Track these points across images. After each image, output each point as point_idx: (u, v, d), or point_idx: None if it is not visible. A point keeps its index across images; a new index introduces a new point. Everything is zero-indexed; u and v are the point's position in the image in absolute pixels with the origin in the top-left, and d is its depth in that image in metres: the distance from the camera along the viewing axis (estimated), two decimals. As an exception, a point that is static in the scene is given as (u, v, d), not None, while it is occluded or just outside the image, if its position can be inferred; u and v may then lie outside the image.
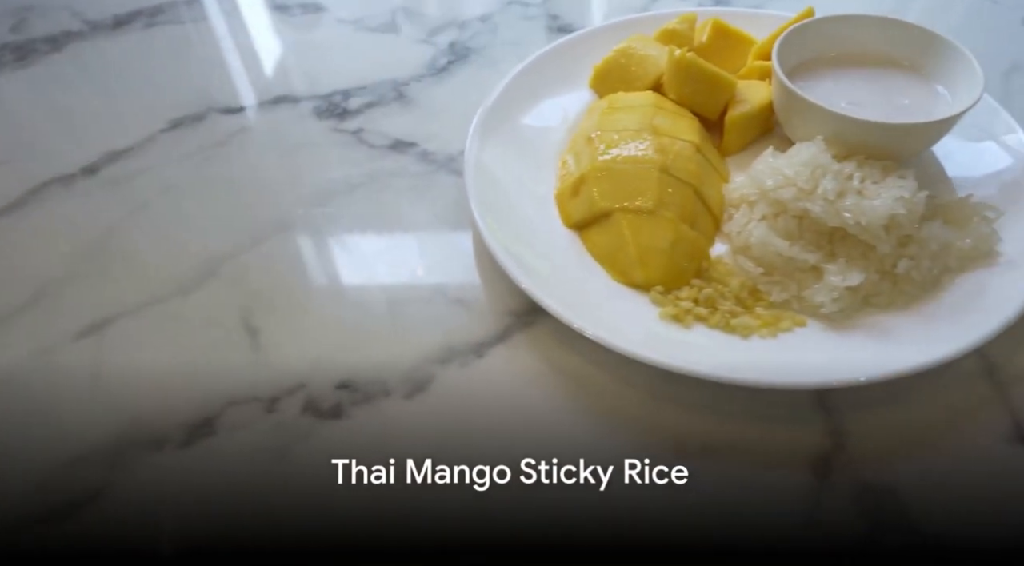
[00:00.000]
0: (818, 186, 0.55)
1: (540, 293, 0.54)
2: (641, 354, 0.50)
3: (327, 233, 0.66)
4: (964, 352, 0.49)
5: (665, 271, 0.56)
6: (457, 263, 0.63)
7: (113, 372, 0.55)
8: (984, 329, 0.50)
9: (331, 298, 0.61)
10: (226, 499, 0.49)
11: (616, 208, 0.59)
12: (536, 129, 0.70)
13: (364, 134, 0.76)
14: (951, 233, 0.56)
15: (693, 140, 0.63)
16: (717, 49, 0.74)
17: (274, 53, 0.87)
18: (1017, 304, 0.51)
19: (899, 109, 0.62)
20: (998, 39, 0.84)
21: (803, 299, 0.55)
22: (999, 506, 0.46)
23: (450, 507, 0.48)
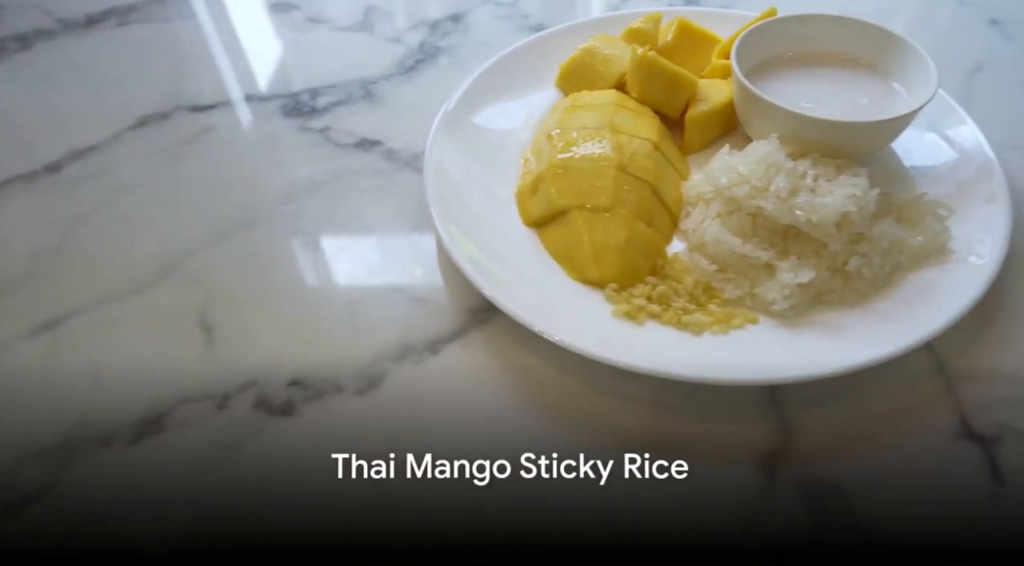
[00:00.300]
0: (771, 184, 0.55)
1: (494, 291, 0.54)
2: (591, 352, 0.50)
3: (289, 231, 0.65)
4: (911, 348, 0.49)
5: (619, 268, 0.56)
6: (418, 261, 0.63)
7: (65, 370, 0.55)
8: (932, 325, 0.50)
9: (289, 296, 0.60)
10: (173, 496, 0.49)
11: (573, 206, 0.59)
12: (501, 128, 0.70)
13: (330, 133, 0.76)
14: (903, 231, 0.56)
15: (652, 138, 0.63)
16: (682, 48, 0.74)
17: (245, 52, 0.86)
18: (965, 300, 0.51)
19: (857, 108, 0.62)
20: (964, 40, 0.84)
21: (756, 296, 0.54)
22: (943, 503, 0.46)
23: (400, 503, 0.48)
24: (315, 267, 0.62)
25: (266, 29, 0.90)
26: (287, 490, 0.49)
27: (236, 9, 0.93)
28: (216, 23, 0.90)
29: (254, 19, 0.91)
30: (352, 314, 0.59)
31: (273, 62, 0.85)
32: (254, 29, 0.90)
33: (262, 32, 0.89)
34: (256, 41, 0.88)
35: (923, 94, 0.59)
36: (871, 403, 0.51)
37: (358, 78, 0.82)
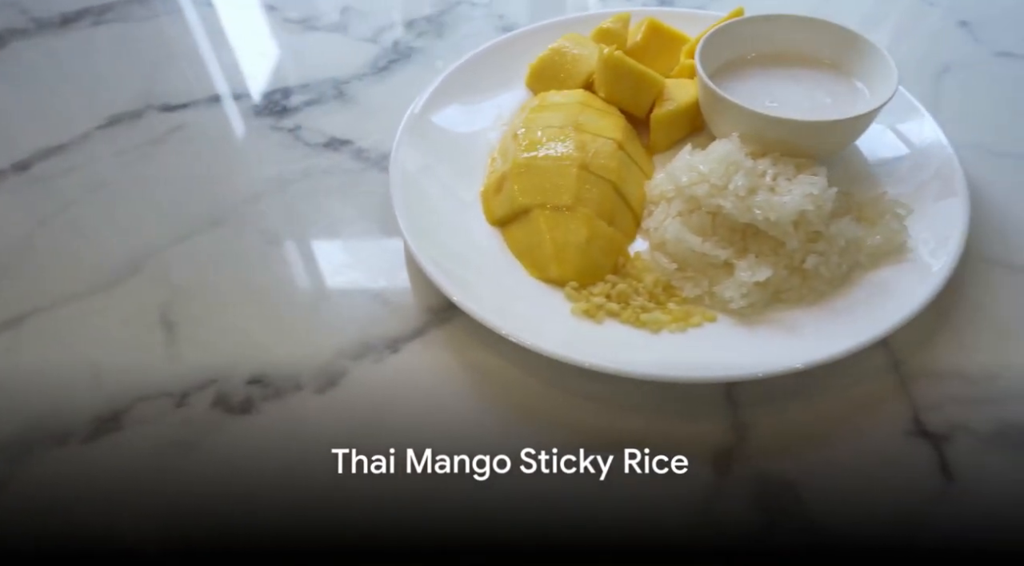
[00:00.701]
0: (730, 182, 0.55)
1: (454, 291, 0.54)
2: (549, 350, 0.50)
3: (255, 230, 0.65)
4: (866, 345, 0.49)
5: (580, 267, 0.56)
6: (383, 260, 0.63)
7: (25, 367, 0.55)
8: (887, 323, 0.50)
9: (252, 295, 0.60)
10: (128, 495, 0.48)
11: (535, 204, 0.59)
12: (469, 128, 0.70)
13: (301, 132, 0.75)
14: (861, 230, 0.56)
15: (616, 137, 0.63)
16: (651, 48, 0.74)
17: (219, 52, 0.86)
18: (920, 298, 0.52)
19: (820, 107, 0.62)
20: (933, 41, 0.84)
21: (714, 295, 0.55)
22: (894, 501, 0.46)
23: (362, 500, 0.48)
24: (279, 266, 0.62)
25: (241, 29, 0.89)
26: (245, 489, 0.49)
27: (213, 11, 0.93)
28: (191, 24, 0.90)
29: (229, 19, 0.91)
30: (315, 313, 0.59)
31: (246, 62, 0.85)
32: (229, 29, 0.89)
33: (237, 32, 0.89)
34: (231, 41, 0.88)
35: (884, 93, 0.59)
36: (825, 401, 0.51)
37: (331, 78, 0.82)
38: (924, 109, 0.66)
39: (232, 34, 0.89)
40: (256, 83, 0.81)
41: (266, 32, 0.89)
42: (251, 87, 0.81)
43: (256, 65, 0.84)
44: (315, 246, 0.64)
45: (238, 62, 0.85)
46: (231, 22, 0.91)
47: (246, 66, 0.84)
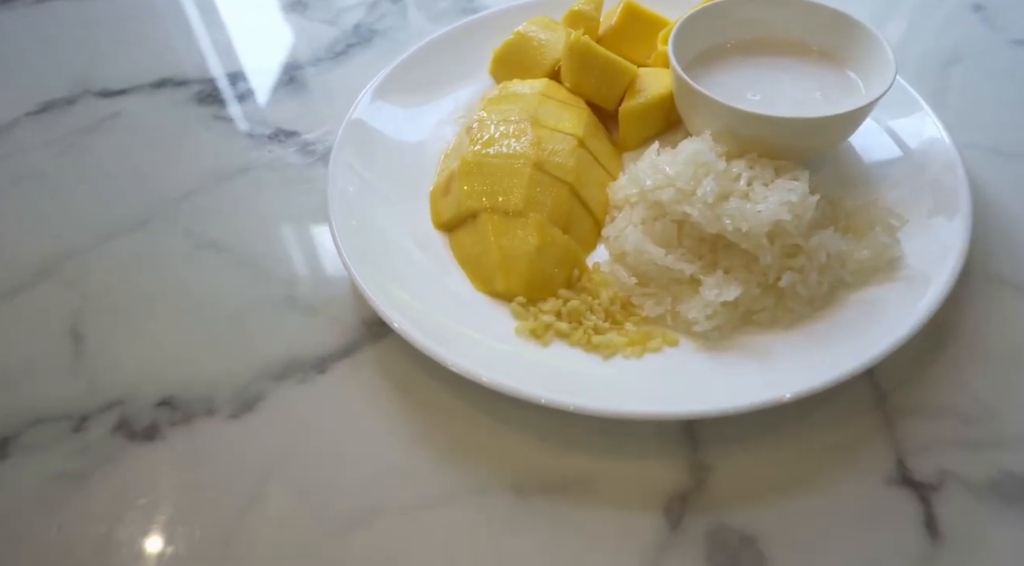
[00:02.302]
0: (699, 187, 0.49)
1: (386, 307, 0.48)
2: (485, 378, 0.44)
3: (182, 232, 0.60)
4: (847, 377, 0.43)
5: (528, 280, 0.50)
6: (316, 267, 0.57)
7: (-90, 384, 0.50)
8: (871, 351, 0.44)
9: (174, 303, 0.55)
10: (6, 531, 0.43)
11: (483, 208, 0.52)
12: (423, 121, 0.64)
13: (245, 122, 0.69)
14: (847, 243, 0.49)
15: (576, 133, 0.56)
16: (628, 33, 0.67)
17: (165, 33, 0.80)
18: (911, 322, 0.45)
19: (807, 101, 0.55)
20: (942, 27, 0.77)
21: (678, 315, 0.48)
22: (871, 562, 0.40)
23: (267, 546, 0.43)
24: (203, 272, 0.57)
25: (190, 9, 0.83)
26: (137, 528, 0.43)
27: (166, -13, 0.87)
28: (137, 3, 0.84)
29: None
30: (238, 326, 0.53)
31: (194, 44, 0.78)
32: (177, 9, 0.83)
33: (185, 12, 0.83)
34: (179, 22, 0.81)
35: (880, 86, 0.52)
36: (798, 440, 0.45)
37: (283, 62, 0.76)
38: (925, 104, 0.59)
39: (180, 14, 0.82)
40: (202, 68, 0.75)
41: (217, 13, 0.83)
42: (197, 72, 0.75)
43: (204, 48, 0.78)
44: (246, 250, 0.58)
45: (185, 44, 0.78)
46: (180, 2, 0.84)
47: (193, 49, 0.78)
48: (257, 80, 0.74)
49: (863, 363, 0.43)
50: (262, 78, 0.74)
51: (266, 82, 0.74)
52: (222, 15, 0.82)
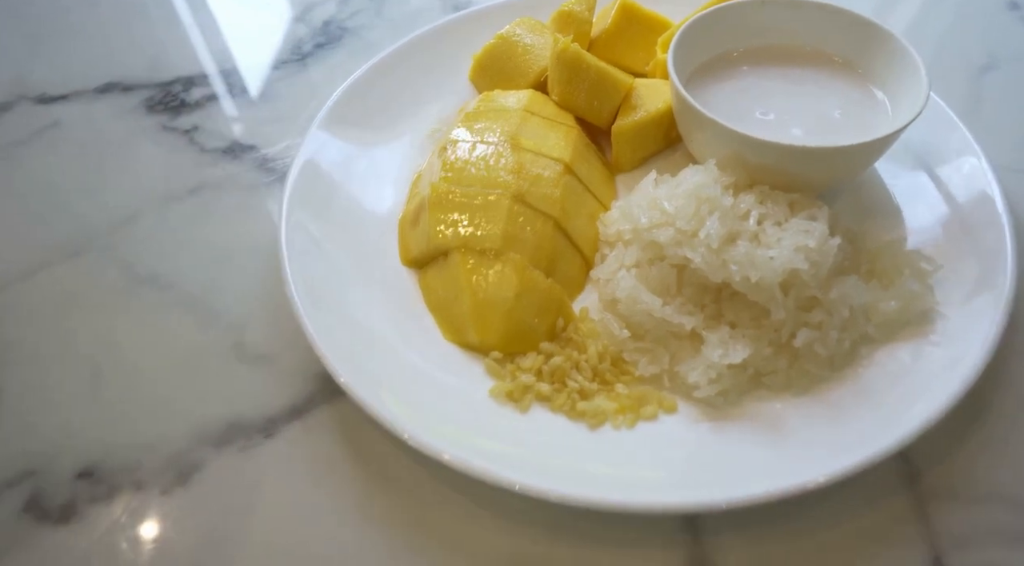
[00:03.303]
0: (702, 228, 0.43)
1: (334, 355, 0.42)
2: (444, 454, 0.38)
3: (120, 264, 0.54)
4: (876, 459, 0.37)
5: (505, 331, 0.44)
6: (269, 309, 0.51)
7: None
8: (904, 427, 0.38)
9: (103, 350, 0.49)
10: None
11: (455, 246, 0.47)
12: (393, 136, 0.58)
13: (198, 134, 0.63)
14: (872, 292, 0.43)
15: (563, 158, 0.50)
16: (624, 37, 0.61)
17: (114, 30, 0.73)
18: (950, 391, 0.39)
19: (825, 122, 0.49)
20: (976, 29, 0.70)
21: (676, 376, 0.43)
22: None
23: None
24: (140, 314, 0.51)
25: (142, 4, 0.77)
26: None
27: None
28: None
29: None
30: (175, 379, 0.47)
31: (146, 44, 0.72)
32: (128, 5, 0.77)
33: (135, 6, 0.76)
34: (127, 17, 0.75)
35: (910, 105, 0.47)
36: (816, 530, 0.39)
37: (243, 65, 0.70)
38: (959, 120, 0.53)
39: (130, 9, 0.76)
40: (153, 70, 0.69)
41: (171, 7, 0.76)
42: (147, 75, 0.68)
43: (156, 48, 0.71)
44: (191, 288, 0.52)
45: (134, 43, 0.72)
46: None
47: (143, 49, 0.71)
48: (212, 85, 0.68)
49: (895, 443, 0.38)
50: (218, 83, 0.68)
51: (222, 88, 0.67)
52: (177, 10, 0.76)
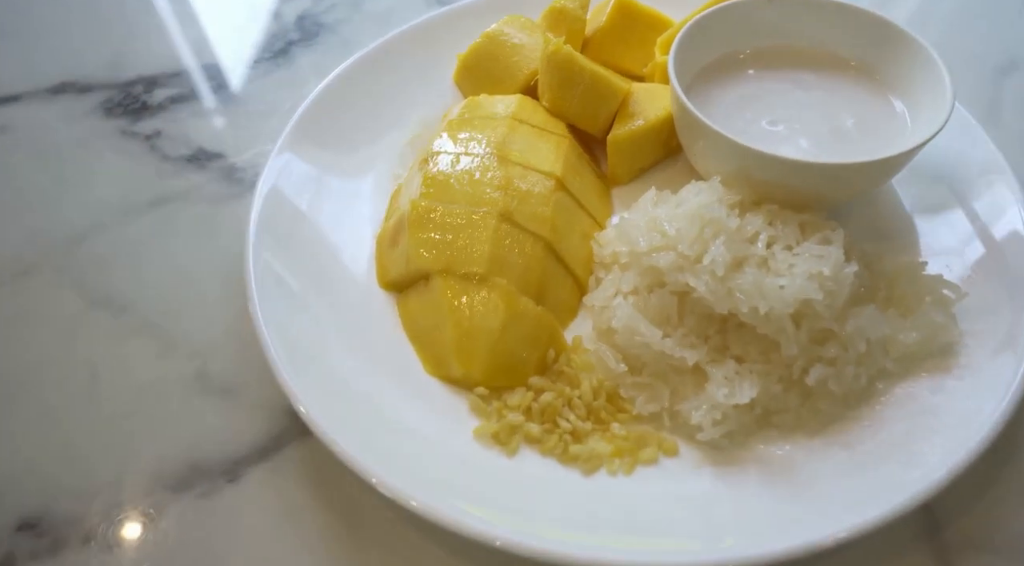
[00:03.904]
0: (706, 252, 0.40)
1: (305, 395, 0.39)
2: (424, 508, 0.35)
3: (77, 283, 0.50)
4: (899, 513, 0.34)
5: (491, 365, 0.41)
6: (236, 335, 0.47)
7: None
8: (928, 478, 0.35)
9: (53, 382, 0.45)
10: None
11: (436, 270, 0.43)
12: (373, 143, 0.54)
13: (160, 140, 0.60)
14: (890, 321, 0.40)
15: (554, 172, 0.47)
16: (621, 36, 0.57)
17: (71, 23, 0.69)
18: (979, 436, 0.36)
19: (836, 133, 0.46)
20: (995, 26, 0.67)
21: (677, 415, 0.40)
22: None
23: None
24: (95, 340, 0.47)
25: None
26: None
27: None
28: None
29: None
30: (131, 414, 0.44)
31: (105, 39, 0.68)
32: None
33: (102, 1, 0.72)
34: (86, 9, 0.71)
35: (931, 118, 0.43)
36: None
37: (211, 63, 0.66)
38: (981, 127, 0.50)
39: (89, 1, 0.72)
40: (114, 68, 0.65)
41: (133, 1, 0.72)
42: (106, 74, 0.64)
43: (115, 44, 0.67)
44: (151, 311, 0.49)
45: (92, 39, 0.68)
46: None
47: (103, 45, 0.67)
48: (177, 86, 0.64)
49: (919, 495, 0.35)
50: (183, 83, 0.64)
51: (188, 89, 0.64)
52: (136, 4, 0.72)
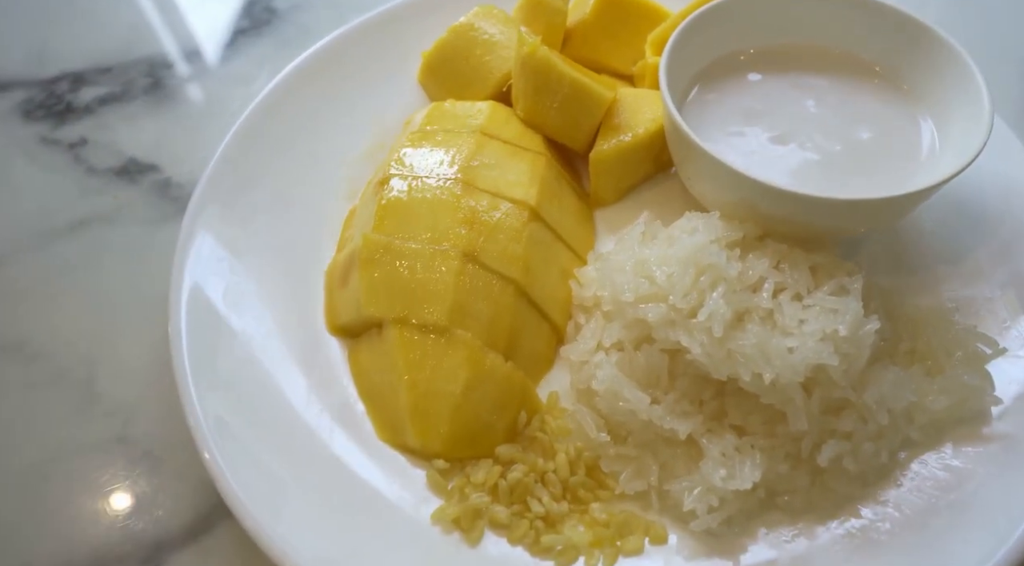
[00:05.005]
0: (702, 305, 0.35)
1: (231, 475, 0.34)
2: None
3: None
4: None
5: (451, 435, 0.37)
6: (165, 388, 0.42)
7: None
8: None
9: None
10: None
11: (390, 318, 0.38)
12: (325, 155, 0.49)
13: (86, 149, 0.55)
14: (915, 381, 0.35)
15: (527, 200, 0.42)
16: (608, 30, 0.52)
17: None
18: (1019, 528, 0.32)
19: (852, 151, 0.41)
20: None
21: (667, 495, 0.35)
22: None
23: None
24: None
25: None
26: None
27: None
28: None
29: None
30: (33, 487, 0.40)
31: (25, 29, 0.62)
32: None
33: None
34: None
35: (963, 137, 0.39)
36: None
37: (147, 57, 0.61)
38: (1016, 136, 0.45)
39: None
40: (36, 63, 0.60)
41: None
42: (25, 71, 0.59)
43: (37, 34, 0.61)
44: (66, 359, 0.44)
45: (11, 29, 0.62)
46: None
47: (22, 36, 0.61)
48: (108, 83, 0.59)
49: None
50: (114, 81, 0.59)
51: (119, 87, 0.58)
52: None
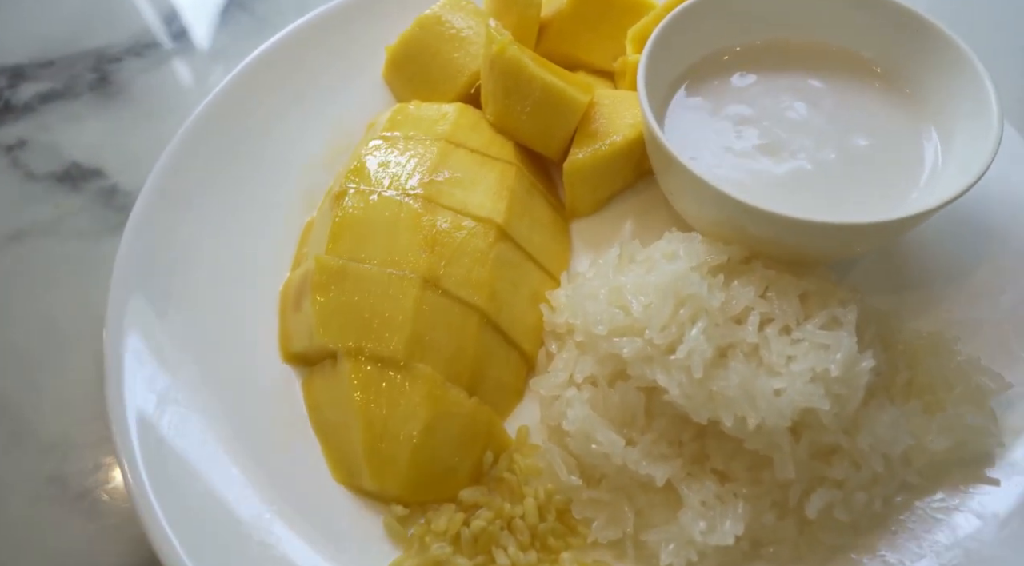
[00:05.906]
0: (681, 341, 0.32)
1: (167, 523, 0.32)
2: None
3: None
4: None
5: (409, 479, 0.35)
6: (106, 421, 0.39)
7: None
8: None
9: None
10: None
11: (345, 349, 0.36)
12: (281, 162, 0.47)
13: (25, 152, 0.52)
14: (913, 419, 0.33)
15: (494, 218, 0.39)
16: (586, 22, 0.49)
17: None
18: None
19: (848, 160, 0.39)
20: None
21: (643, 546, 0.33)
22: None
23: None
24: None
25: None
26: None
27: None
28: None
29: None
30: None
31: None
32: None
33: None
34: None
35: (968, 147, 0.36)
36: None
37: (95, 48, 0.58)
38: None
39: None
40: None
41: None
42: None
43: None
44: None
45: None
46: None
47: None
48: (50, 78, 0.56)
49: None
50: (57, 75, 0.56)
51: (62, 82, 0.56)
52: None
